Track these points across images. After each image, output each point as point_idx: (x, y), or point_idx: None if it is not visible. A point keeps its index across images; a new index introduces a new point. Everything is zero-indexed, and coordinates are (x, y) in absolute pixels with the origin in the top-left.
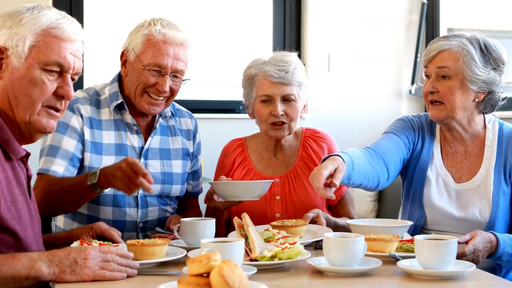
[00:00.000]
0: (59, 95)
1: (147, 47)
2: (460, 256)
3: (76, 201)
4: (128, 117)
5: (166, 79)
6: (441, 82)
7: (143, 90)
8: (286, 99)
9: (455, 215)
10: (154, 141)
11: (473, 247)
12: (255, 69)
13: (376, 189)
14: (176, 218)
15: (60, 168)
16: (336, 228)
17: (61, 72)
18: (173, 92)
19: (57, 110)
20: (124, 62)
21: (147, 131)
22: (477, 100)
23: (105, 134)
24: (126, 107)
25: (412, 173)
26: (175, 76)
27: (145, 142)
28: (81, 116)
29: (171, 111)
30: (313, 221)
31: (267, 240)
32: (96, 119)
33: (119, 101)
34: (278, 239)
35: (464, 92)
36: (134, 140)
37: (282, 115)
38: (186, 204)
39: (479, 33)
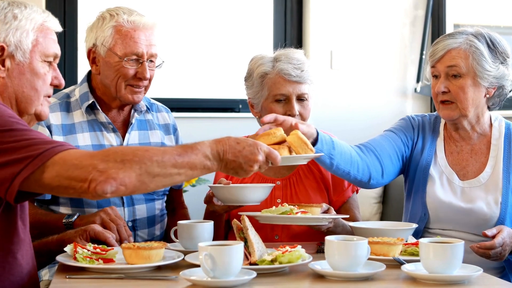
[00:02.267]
0: (53, 85)
1: (119, 38)
2: (489, 248)
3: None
4: (102, 116)
5: (145, 66)
6: (452, 81)
7: (125, 83)
8: (300, 99)
9: (462, 206)
10: (132, 137)
11: (502, 240)
12: (267, 66)
13: (371, 184)
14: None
15: None
16: (344, 232)
17: (51, 62)
18: (150, 78)
19: (49, 97)
20: (93, 60)
21: (124, 127)
22: (487, 96)
23: (80, 136)
24: (98, 107)
25: (413, 172)
26: (151, 61)
27: (123, 139)
28: (49, 127)
29: (146, 106)
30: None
31: (284, 214)
32: (68, 124)
33: (90, 102)
34: (296, 213)
35: (476, 89)
36: (111, 139)
37: (297, 115)
38: (172, 205)
39: (482, 28)
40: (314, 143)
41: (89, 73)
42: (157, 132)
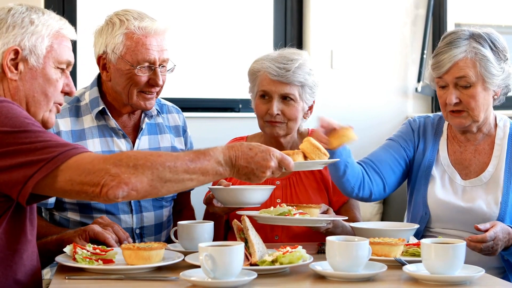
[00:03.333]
0: (64, 92)
1: (130, 45)
2: (481, 241)
3: None
4: (112, 122)
5: (158, 73)
6: (462, 91)
7: (137, 91)
8: (285, 98)
9: (462, 205)
10: (142, 142)
11: (494, 234)
12: (258, 64)
13: (372, 199)
14: None
15: None
16: (344, 232)
17: (64, 69)
18: (162, 83)
19: (60, 105)
20: (103, 67)
21: (135, 132)
22: (495, 97)
23: (90, 142)
24: (109, 113)
25: (416, 173)
26: (163, 66)
27: (133, 144)
28: (59, 133)
29: (156, 109)
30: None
31: (282, 215)
32: (78, 130)
33: (100, 108)
34: (295, 214)
35: (485, 94)
36: (121, 145)
37: (278, 114)
38: (180, 206)
39: (479, 28)
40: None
41: (99, 76)
42: (167, 135)
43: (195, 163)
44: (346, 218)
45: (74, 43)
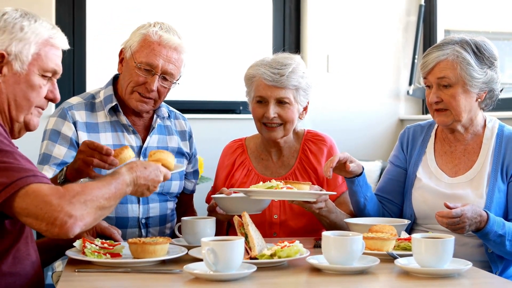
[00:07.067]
0: (48, 98)
1: (142, 46)
2: (446, 216)
3: None
4: (123, 119)
5: (154, 79)
6: (443, 91)
7: (133, 89)
8: (281, 102)
9: (447, 192)
10: (153, 140)
11: (460, 211)
12: (253, 69)
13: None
14: None
15: (49, 174)
16: (338, 219)
17: (51, 77)
18: (160, 94)
19: (43, 109)
20: (121, 60)
21: (145, 131)
22: (479, 100)
23: (102, 136)
24: (120, 109)
25: (407, 179)
26: (165, 79)
27: (143, 142)
28: (75, 123)
29: (168, 112)
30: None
31: (269, 189)
32: (92, 123)
33: (113, 104)
34: (281, 188)
35: (467, 96)
36: (132, 140)
37: (275, 117)
38: (184, 208)
39: (467, 35)
40: (357, 176)
41: (115, 77)
42: (175, 137)
43: (119, 189)
44: (335, 193)
45: (80, 48)
